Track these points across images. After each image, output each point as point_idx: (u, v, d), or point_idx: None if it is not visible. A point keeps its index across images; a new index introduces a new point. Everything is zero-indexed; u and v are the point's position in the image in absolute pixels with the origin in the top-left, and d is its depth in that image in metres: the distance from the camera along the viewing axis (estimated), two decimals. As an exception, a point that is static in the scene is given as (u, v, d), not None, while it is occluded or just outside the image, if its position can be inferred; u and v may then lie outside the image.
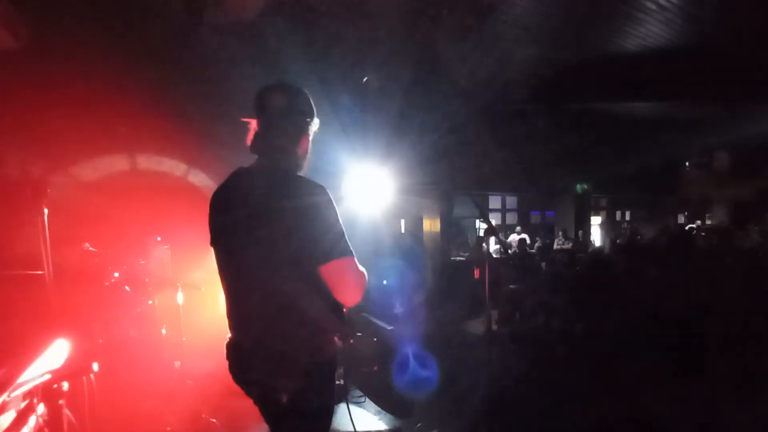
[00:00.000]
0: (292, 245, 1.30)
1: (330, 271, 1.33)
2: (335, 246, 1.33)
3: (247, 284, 1.40)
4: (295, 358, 1.34)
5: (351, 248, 1.37)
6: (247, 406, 1.50)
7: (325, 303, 1.38)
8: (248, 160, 1.57)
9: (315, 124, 1.54)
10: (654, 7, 4.21)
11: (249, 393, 1.46)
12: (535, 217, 12.84)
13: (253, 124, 1.47)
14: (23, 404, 2.10)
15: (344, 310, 1.48)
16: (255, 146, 1.46)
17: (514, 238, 9.73)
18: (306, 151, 1.53)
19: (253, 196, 1.39)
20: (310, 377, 1.36)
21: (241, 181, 1.45)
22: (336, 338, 1.44)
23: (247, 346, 1.42)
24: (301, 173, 1.52)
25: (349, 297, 1.39)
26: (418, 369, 4.00)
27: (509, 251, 8.21)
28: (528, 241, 9.16)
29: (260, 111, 1.46)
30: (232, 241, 1.41)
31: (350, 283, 1.37)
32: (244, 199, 1.40)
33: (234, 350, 1.45)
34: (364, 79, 5.22)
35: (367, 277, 1.45)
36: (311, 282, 1.34)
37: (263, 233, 1.33)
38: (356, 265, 1.38)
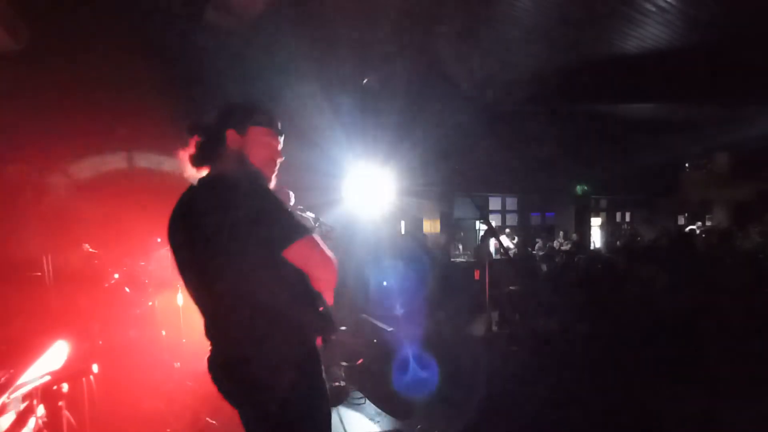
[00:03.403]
0: (244, 248, 1.27)
1: (295, 254, 1.31)
2: (290, 231, 1.31)
3: (211, 297, 1.37)
4: (267, 367, 1.32)
5: (308, 227, 1.37)
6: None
7: (294, 302, 1.36)
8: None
9: (243, 121, 1.49)
10: (653, 9, 4.22)
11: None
12: (535, 219, 12.83)
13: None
14: (23, 405, 2.10)
15: (320, 307, 1.44)
16: (192, 160, 1.49)
17: (503, 240, 9.74)
18: (242, 147, 1.47)
19: (191, 212, 1.38)
20: (286, 384, 1.32)
21: (183, 199, 1.43)
22: (311, 336, 1.41)
23: (219, 358, 1.40)
24: (247, 169, 1.47)
25: (323, 273, 1.37)
26: (418, 370, 4.00)
27: (509, 253, 8.20)
28: (512, 246, 9.20)
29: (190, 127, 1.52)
30: (185, 264, 1.40)
31: (319, 259, 1.35)
32: (183, 217, 1.40)
33: (209, 363, 1.42)
34: (365, 81, 5.23)
35: (333, 256, 1.42)
36: (274, 282, 1.32)
37: (206, 245, 1.30)
38: (317, 242, 1.36)
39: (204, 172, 1.48)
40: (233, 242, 1.27)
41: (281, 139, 1.58)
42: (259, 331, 1.32)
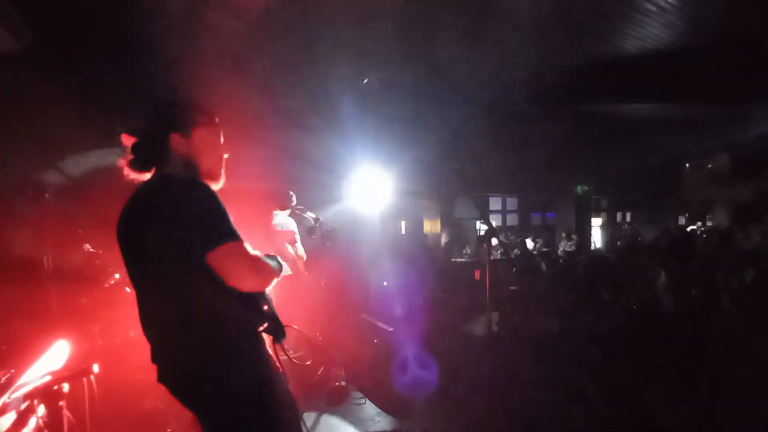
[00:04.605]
0: (180, 245, 1.29)
1: (215, 260, 1.28)
2: (216, 233, 1.30)
3: (151, 294, 1.40)
4: (205, 367, 1.33)
5: (235, 233, 1.32)
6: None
7: (230, 300, 1.34)
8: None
9: (198, 131, 1.49)
10: (654, 9, 4.21)
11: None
12: (535, 219, 12.84)
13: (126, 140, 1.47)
14: (24, 405, 2.10)
15: (264, 307, 1.44)
16: (134, 162, 1.46)
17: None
18: (201, 155, 1.48)
19: (133, 211, 1.40)
20: (227, 388, 1.33)
21: (135, 198, 1.44)
22: (247, 331, 1.40)
23: (160, 358, 1.41)
24: (197, 172, 1.49)
25: (243, 283, 1.32)
26: (418, 370, 4.00)
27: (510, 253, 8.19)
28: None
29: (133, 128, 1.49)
30: (133, 257, 1.42)
31: (239, 268, 1.31)
32: (127, 216, 1.42)
33: (153, 362, 1.43)
34: (365, 81, 5.23)
35: (271, 263, 1.41)
36: (208, 281, 1.30)
37: (154, 242, 1.32)
38: (244, 248, 1.33)
39: (147, 175, 1.47)
40: (170, 244, 1.29)
41: (221, 132, 1.57)
42: (188, 327, 1.33)
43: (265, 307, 1.45)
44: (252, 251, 1.37)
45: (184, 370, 1.36)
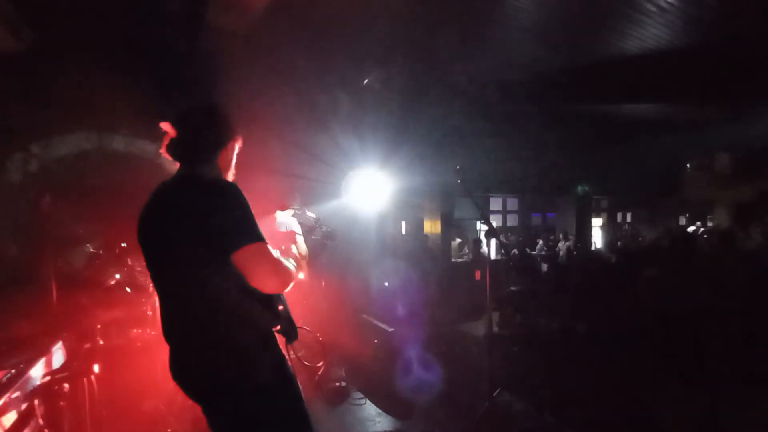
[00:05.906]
0: (205, 245, 1.32)
1: (240, 260, 1.33)
2: (242, 234, 1.34)
3: (172, 293, 1.44)
4: (224, 366, 1.36)
5: (261, 235, 1.37)
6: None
7: (249, 300, 1.38)
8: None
9: (237, 143, 1.60)
10: (654, 9, 4.21)
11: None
12: (536, 219, 12.84)
13: (169, 129, 1.48)
14: (24, 405, 2.10)
15: (280, 307, 1.48)
16: (178, 154, 1.50)
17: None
18: (228, 165, 1.59)
19: (163, 207, 1.43)
20: (246, 382, 1.37)
21: (160, 196, 1.48)
22: (265, 330, 1.44)
23: (179, 358, 1.45)
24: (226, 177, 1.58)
25: (265, 284, 1.37)
26: (419, 371, 4.00)
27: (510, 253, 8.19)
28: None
29: (184, 121, 1.50)
30: (156, 256, 1.45)
31: (262, 268, 1.36)
32: (155, 211, 1.45)
33: (170, 364, 1.48)
34: (365, 81, 5.23)
35: (289, 266, 1.46)
36: (230, 281, 1.35)
37: (179, 241, 1.35)
38: (268, 250, 1.38)
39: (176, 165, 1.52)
40: (200, 240, 1.32)
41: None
42: (209, 326, 1.36)
43: (281, 308, 1.50)
44: (275, 254, 1.41)
45: (204, 368, 1.39)
